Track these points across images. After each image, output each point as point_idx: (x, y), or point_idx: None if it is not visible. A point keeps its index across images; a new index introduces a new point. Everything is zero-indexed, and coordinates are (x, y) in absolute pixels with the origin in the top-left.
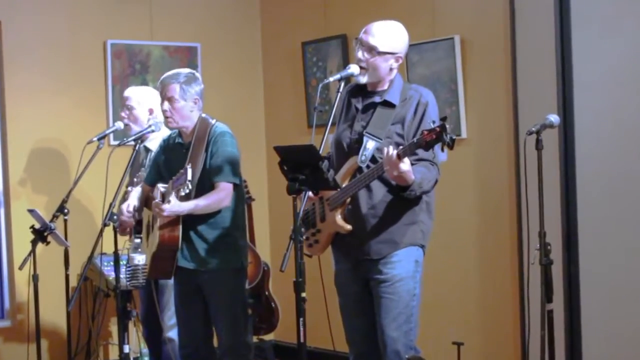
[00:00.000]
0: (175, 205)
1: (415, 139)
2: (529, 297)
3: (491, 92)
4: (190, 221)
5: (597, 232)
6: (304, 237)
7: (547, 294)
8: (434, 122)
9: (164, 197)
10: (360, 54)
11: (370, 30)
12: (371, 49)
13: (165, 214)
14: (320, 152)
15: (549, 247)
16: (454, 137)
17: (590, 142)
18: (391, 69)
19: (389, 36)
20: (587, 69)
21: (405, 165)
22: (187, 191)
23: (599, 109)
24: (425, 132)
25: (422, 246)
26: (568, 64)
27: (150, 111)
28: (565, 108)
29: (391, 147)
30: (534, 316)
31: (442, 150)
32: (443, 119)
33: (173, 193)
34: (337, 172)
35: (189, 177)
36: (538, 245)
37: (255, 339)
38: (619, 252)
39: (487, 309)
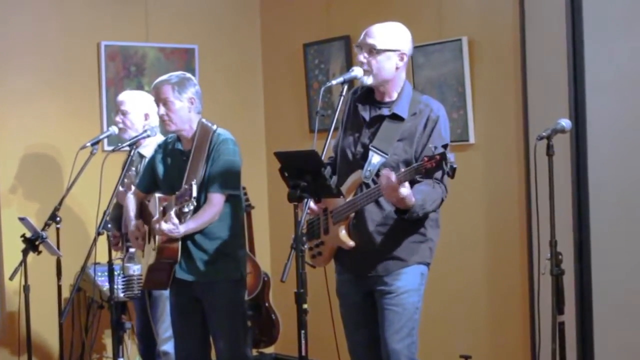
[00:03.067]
0: (174, 229)
1: (415, 165)
2: (540, 309)
3: (500, 95)
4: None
5: (610, 241)
6: (308, 247)
7: (559, 306)
8: (435, 147)
9: (165, 211)
10: (361, 57)
11: (369, 32)
12: (371, 49)
13: (163, 233)
14: (323, 158)
15: (560, 257)
16: (455, 166)
17: (603, 148)
18: (397, 68)
19: (387, 33)
20: (600, 71)
21: (405, 189)
22: (192, 208)
23: (613, 112)
24: (426, 159)
25: (428, 264)
26: (580, 66)
27: (146, 116)
28: (577, 112)
29: (392, 174)
30: (544, 328)
31: (442, 178)
32: (444, 146)
33: (174, 209)
34: (342, 184)
35: (194, 194)
36: (549, 255)
37: (255, 352)
38: (633, 261)
39: (496, 321)
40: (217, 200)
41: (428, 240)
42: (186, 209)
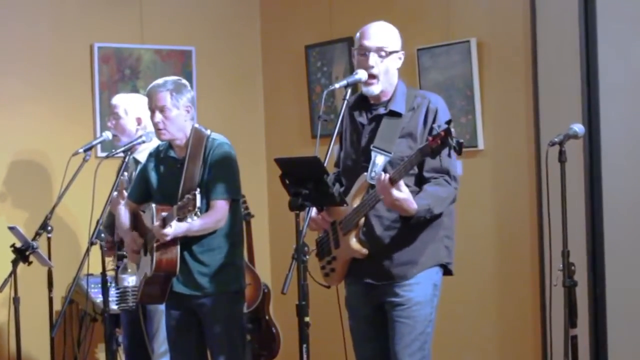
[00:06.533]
0: (177, 229)
1: (419, 147)
2: (552, 322)
3: (510, 99)
4: (185, 242)
5: (625, 251)
6: (320, 267)
7: (571, 318)
8: (438, 126)
9: (165, 222)
10: (371, 60)
11: (371, 34)
12: (380, 51)
13: (167, 239)
14: (325, 164)
15: (572, 268)
16: (461, 141)
17: (618, 154)
18: (397, 69)
19: (390, 34)
20: (614, 73)
21: (402, 193)
22: (195, 219)
23: (627, 117)
24: (430, 139)
25: (447, 264)
26: (593, 69)
27: (139, 121)
28: (591, 117)
29: (382, 173)
30: (556, 342)
31: (449, 156)
32: (447, 122)
33: (176, 219)
34: (348, 193)
35: (199, 203)
36: (561, 266)
37: None
38: None
39: (506, 334)
40: (221, 206)
41: (442, 239)
42: (189, 220)
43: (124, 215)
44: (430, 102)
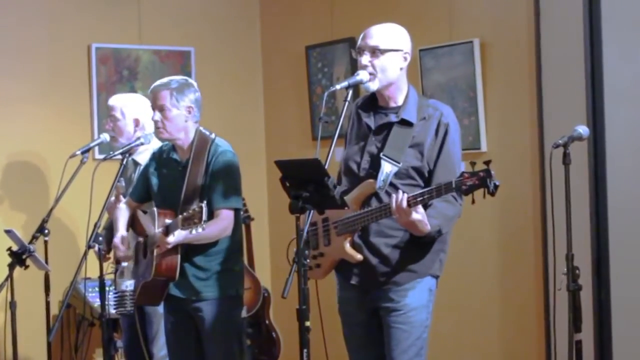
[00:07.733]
0: (179, 237)
1: (454, 181)
2: (555, 326)
3: (514, 100)
4: (183, 247)
5: (630, 254)
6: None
7: (575, 323)
8: (474, 163)
9: (168, 230)
10: (364, 60)
11: (368, 34)
12: (373, 50)
13: (169, 247)
14: (326, 166)
15: (577, 271)
16: (498, 183)
17: (623, 156)
18: (400, 69)
19: (388, 33)
20: (619, 74)
21: (418, 215)
22: (200, 231)
23: (632, 119)
24: (466, 175)
25: (437, 277)
26: (598, 70)
27: (136, 122)
28: (595, 118)
29: (400, 192)
30: (560, 347)
31: (484, 197)
32: (487, 163)
33: (179, 229)
34: (348, 195)
35: (205, 217)
36: (565, 270)
37: None
38: None
39: (509, 339)
40: (226, 214)
41: (438, 252)
42: (194, 232)
43: (121, 217)
44: (443, 115)
